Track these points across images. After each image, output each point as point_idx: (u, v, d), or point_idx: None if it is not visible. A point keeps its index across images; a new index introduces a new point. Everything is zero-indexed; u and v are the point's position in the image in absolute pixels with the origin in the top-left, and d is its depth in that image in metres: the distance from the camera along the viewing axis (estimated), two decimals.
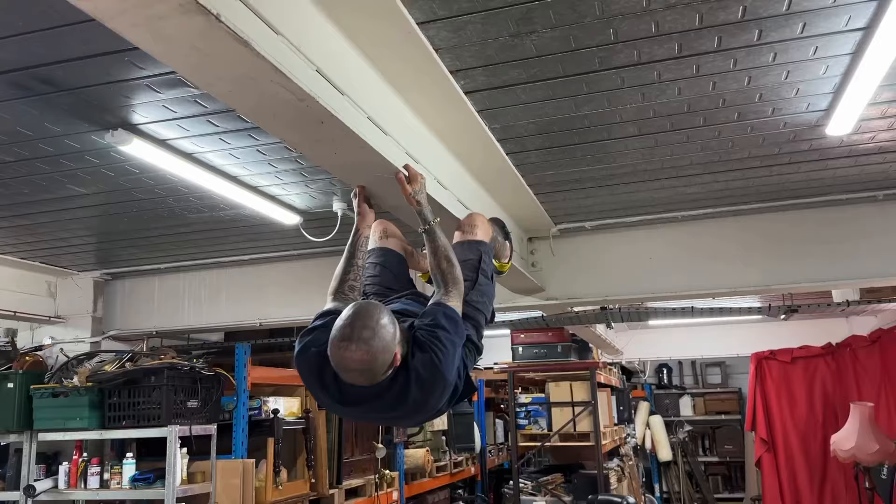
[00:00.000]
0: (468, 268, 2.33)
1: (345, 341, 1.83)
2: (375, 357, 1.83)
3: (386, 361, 1.85)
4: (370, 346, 1.82)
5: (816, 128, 3.05)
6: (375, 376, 1.87)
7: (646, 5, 2.09)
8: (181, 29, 1.48)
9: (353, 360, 1.82)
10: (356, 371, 1.84)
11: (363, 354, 1.81)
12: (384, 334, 1.85)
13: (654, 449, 10.06)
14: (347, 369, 1.84)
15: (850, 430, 6.95)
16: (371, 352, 1.82)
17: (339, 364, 1.84)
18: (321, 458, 4.80)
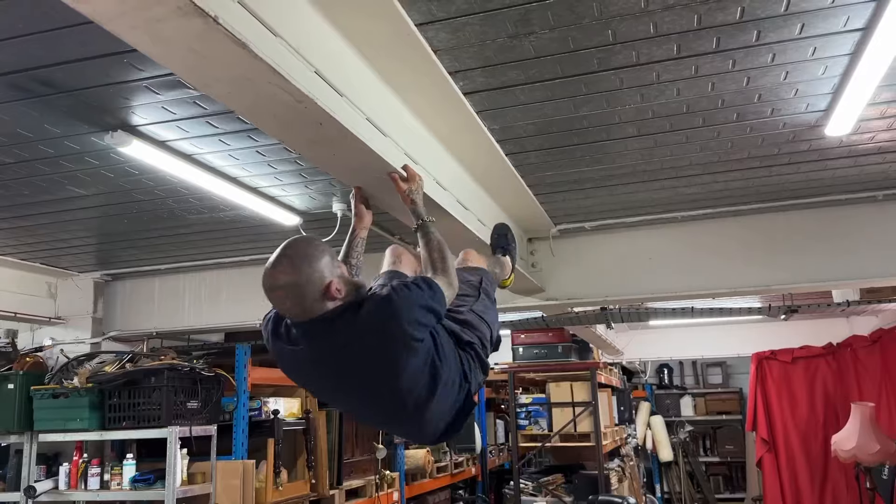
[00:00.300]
0: (470, 287, 2.32)
1: (270, 262, 1.80)
2: (297, 271, 1.76)
3: (314, 283, 1.77)
4: (291, 261, 1.77)
5: (816, 128, 3.05)
6: (303, 300, 1.77)
7: (644, 6, 2.10)
8: (179, 31, 1.48)
9: (275, 277, 1.76)
10: (280, 290, 1.76)
11: (284, 268, 1.76)
12: (312, 253, 1.79)
13: (655, 449, 10.06)
14: (271, 287, 1.77)
15: (851, 431, 6.94)
16: (292, 266, 1.76)
17: (265, 284, 1.78)
18: (321, 458, 4.80)
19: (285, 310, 1.83)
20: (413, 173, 2.26)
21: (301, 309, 1.79)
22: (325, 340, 1.82)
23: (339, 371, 1.87)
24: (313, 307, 1.79)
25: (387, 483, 5.47)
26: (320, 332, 1.82)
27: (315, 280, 1.77)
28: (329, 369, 1.87)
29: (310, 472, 4.72)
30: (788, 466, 9.08)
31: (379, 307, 1.79)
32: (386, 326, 1.78)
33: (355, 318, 1.79)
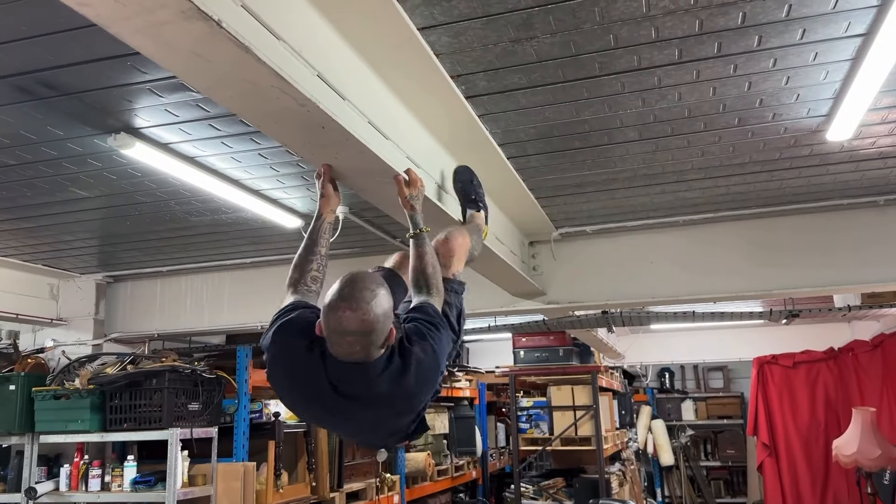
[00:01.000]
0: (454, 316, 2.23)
1: (345, 301, 1.71)
2: (376, 319, 1.72)
3: (384, 330, 1.75)
4: (371, 306, 1.71)
5: (817, 133, 3.05)
6: (373, 346, 1.74)
7: (646, 11, 2.10)
8: (183, 35, 1.49)
9: (354, 321, 1.69)
10: (355, 335, 1.71)
11: (364, 314, 1.70)
12: (383, 300, 1.75)
13: (656, 453, 10.04)
14: (346, 332, 1.71)
15: (852, 435, 6.93)
16: (372, 312, 1.71)
17: (337, 327, 1.71)
18: (322, 461, 4.80)
19: (346, 352, 1.75)
20: (415, 178, 2.22)
21: (365, 355, 1.76)
22: (365, 383, 1.80)
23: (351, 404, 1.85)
24: (372, 354, 1.77)
25: (387, 486, 5.47)
26: (364, 375, 1.79)
27: (386, 329, 1.76)
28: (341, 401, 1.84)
29: (310, 474, 4.72)
30: (789, 471, 9.06)
31: (427, 356, 1.86)
32: (432, 375, 1.88)
33: (403, 363, 1.82)
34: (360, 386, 1.81)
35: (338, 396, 1.83)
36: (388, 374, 1.80)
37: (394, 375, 1.81)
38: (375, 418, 1.92)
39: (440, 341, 1.89)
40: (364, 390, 1.82)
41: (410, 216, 2.18)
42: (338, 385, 1.81)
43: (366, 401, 1.85)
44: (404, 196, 2.18)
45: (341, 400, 1.84)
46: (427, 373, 1.86)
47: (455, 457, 6.81)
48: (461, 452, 6.99)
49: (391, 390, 1.82)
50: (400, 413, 1.92)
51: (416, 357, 1.83)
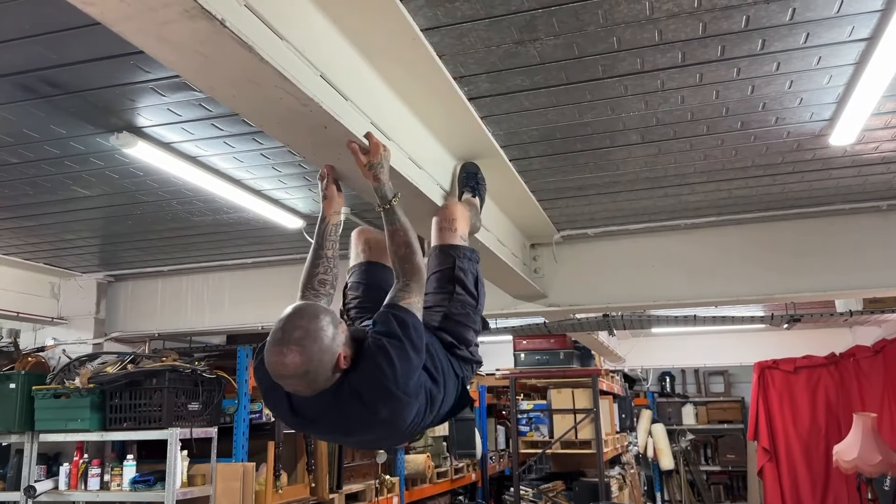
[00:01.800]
0: (444, 279, 2.16)
1: (276, 345, 1.68)
2: (310, 359, 1.67)
3: (325, 364, 1.69)
4: (303, 346, 1.66)
5: (820, 137, 3.05)
6: (315, 382, 1.71)
7: (649, 14, 2.10)
8: (186, 34, 1.49)
9: (286, 365, 1.67)
10: (292, 378, 1.69)
11: (294, 356, 1.66)
12: (320, 335, 1.68)
13: (656, 457, 10.03)
14: (282, 376, 1.70)
15: (853, 441, 6.92)
16: (305, 353, 1.66)
17: (273, 371, 1.70)
18: (321, 462, 4.80)
19: (294, 390, 1.75)
20: (376, 143, 1.98)
21: (312, 389, 1.73)
22: (325, 409, 1.78)
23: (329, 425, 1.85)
24: (323, 385, 1.73)
25: (386, 488, 5.47)
26: (322, 403, 1.77)
27: (326, 361, 1.70)
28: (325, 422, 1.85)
29: (310, 475, 4.72)
30: (790, 476, 9.04)
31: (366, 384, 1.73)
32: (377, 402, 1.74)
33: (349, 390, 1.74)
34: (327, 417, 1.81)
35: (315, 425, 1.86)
36: (341, 409, 1.76)
37: (344, 409, 1.76)
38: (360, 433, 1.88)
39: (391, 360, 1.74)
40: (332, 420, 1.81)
41: (375, 188, 1.99)
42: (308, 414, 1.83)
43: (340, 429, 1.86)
44: (362, 164, 1.97)
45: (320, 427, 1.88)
46: (373, 400, 1.74)
47: (454, 459, 6.80)
48: (461, 455, 6.99)
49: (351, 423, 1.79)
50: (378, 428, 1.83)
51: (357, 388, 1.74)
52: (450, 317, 2.08)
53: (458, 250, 2.21)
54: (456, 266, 2.16)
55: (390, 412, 1.75)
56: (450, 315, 2.08)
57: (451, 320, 2.08)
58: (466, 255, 2.22)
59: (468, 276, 2.17)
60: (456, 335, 2.08)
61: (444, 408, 1.95)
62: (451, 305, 2.10)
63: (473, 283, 2.17)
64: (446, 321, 2.07)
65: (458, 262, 2.17)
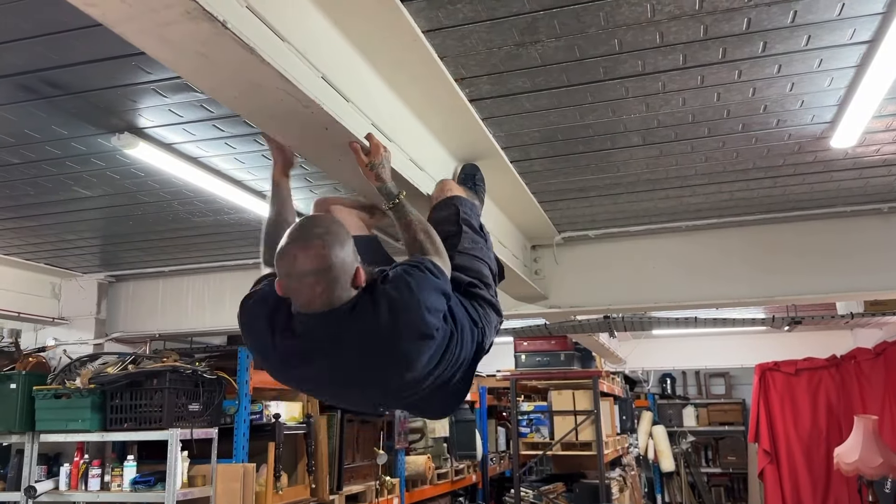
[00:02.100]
0: (448, 222, 2.13)
1: (297, 241, 1.59)
2: (333, 253, 1.57)
3: (346, 266, 1.59)
4: (325, 241, 1.58)
5: (821, 140, 3.05)
6: (336, 284, 1.58)
7: (650, 16, 2.10)
8: (188, 35, 1.49)
9: (307, 259, 1.55)
10: (312, 274, 1.56)
11: (317, 249, 1.56)
12: (340, 236, 1.61)
13: (657, 459, 10.03)
14: (302, 273, 1.56)
15: (854, 443, 6.91)
16: (326, 247, 1.57)
17: (291, 270, 1.57)
18: (322, 463, 4.80)
19: (308, 298, 1.60)
20: (377, 143, 1.96)
21: (329, 298, 1.60)
22: (336, 331, 1.63)
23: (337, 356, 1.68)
24: (341, 296, 1.61)
25: (387, 489, 5.46)
26: (334, 322, 1.63)
27: (348, 266, 1.60)
28: (325, 355, 1.68)
29: (310, 476, 4.72)
30: (790, 478, 9.03)
31: (397, 290, 1.64)
32: (407, 310, 1.63)
33: (374, 307, 1.63)
34: (333, 337, 1.64)
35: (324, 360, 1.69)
36: (358, 314, 1.63)
37: (364, 315, 1.63)
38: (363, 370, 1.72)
39: (423, 281, 1.67)
40: (337, 340, 1.64)
41: (379, 188, 1.97)
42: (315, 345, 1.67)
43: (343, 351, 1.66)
44: (363, 164, 1.94)
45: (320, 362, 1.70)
46: (405, 311, 1.63)
47: (455, 460, 6.80)
48: (461, 456, 6.99)
49: (367, 330, 1.63)
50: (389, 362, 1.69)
51: (386, 294, 1.63)
52: (463, 252, 2.03)
53: (460, 199, 2.22)
54: (460, 211, 2.17)
55: (415, 329, 1.64)
56: (463, 250, 2.04)
57: (465, 255, 2.03)
58: (468, 203, 2.22)
59: (472, 218, 2.17)
60: (472, 270, 2.02)
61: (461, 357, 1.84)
62: (463, 241, 2.08)
63: (479, 225, 2.18)
64: (460, 256, 2.02)
65: (461, 208, 2.18)
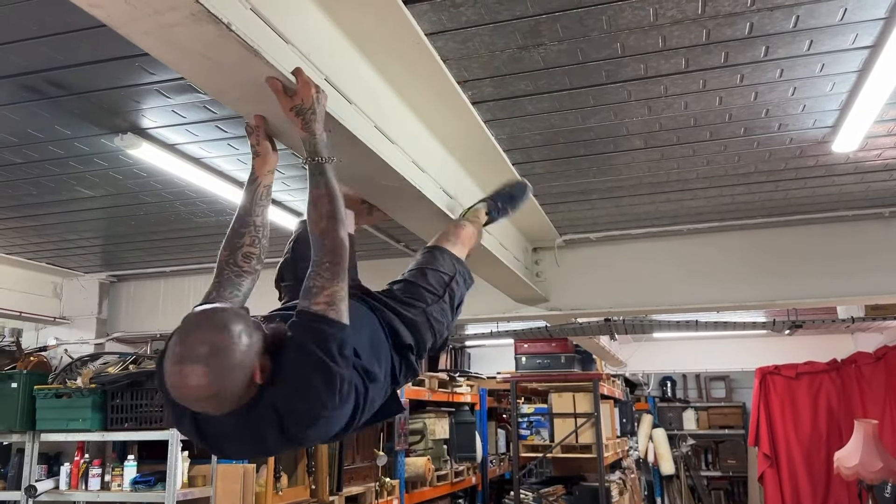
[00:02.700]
0: (436, 280, 1.99)
1: (176, 363, 1.37)
2: (219, 378, 1.36)
3: (237, 382, 1.39)
4: (209, 365, 1.36)
5: (823, 144, 3.05)
6: (225, 403, 1.41)
7: (653, 20, 2.11)
8: (192, 37, 1.49)
9: (189, 388, 1.37)
10: (197, 402, 1.40)
11: (200, 378, 1.35)
12: (230, 350, 1.38)
13: (657, 462, 10.01)
14: (185, 399, 1.40)
15: (854, 447, 6.91)
16: (212, 373, 1.36)
17: (175, 394, 1.40)
18: (322, 464, 4.80)
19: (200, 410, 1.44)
20: (306, 80, 1.61)
21: (222, 410, 1.43)
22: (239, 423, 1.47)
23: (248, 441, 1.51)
24: (236, 403, 1.43)
25: (387, 490, 5.46)
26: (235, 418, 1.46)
27: (239, 379, 1.39)
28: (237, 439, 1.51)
29: (310, 477, 4.72)
30: (790, 482, 9.03)
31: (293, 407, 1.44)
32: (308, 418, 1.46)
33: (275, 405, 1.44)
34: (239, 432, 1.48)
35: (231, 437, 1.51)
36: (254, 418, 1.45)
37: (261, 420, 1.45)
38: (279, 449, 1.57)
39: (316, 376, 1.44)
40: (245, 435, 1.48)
41: (304, 140, 1.66)
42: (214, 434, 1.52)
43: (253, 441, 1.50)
44: (287, 108, 1.62)
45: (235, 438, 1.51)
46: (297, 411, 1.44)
47: (455, 462, 6.79)
48: (461, 458, 6.98)
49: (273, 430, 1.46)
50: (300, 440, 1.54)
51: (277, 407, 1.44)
52: (428, 316, 1.87)
53: (462, 266, 2.11)
54: (454, 278, 2.03)
55: (312, 429, 1.48)
56: (429, 315, 1.87)
57: (427, 321, 1.87)
58: (465, 275, 2.11)
59: (457, 294, 2.03)
60: (419, 339, 1.86)
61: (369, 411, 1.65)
62: (434, 307, 1.92)
63: (457, 304, 2.03)
64: (421, 317, 1.85)
65: (458, 275, 2.06)
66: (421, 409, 6.51)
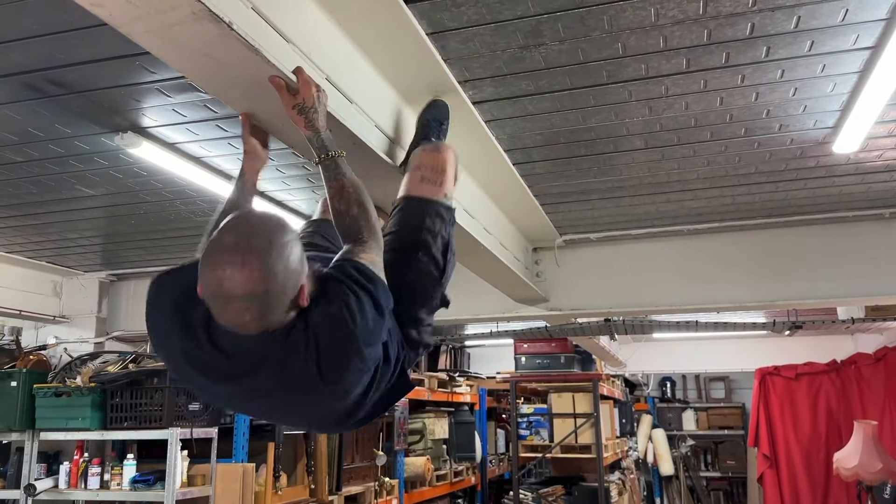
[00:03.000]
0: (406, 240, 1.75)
1: (229, 252, 1.25)
2: (273, 276, 1.25)
3: (287, 291, 1.29)
4: (264, 260, 1.25)
5: (823, 145, 3.05)
6: (268, 313, 1.28)
7: (654, 20, 2.10)
8: (193, 36, 1.50)
9: (240, 280, 1.23)
10: (243, 301, 1.25)
11: (254, 269, 1.23)
12: (286, 250, 1.28)
13: (656, 463, 10.01)
14: (230, 297, 1.25)
15: (854, 448, 6.91)
16: (267, 267, 1.25)
17: (217, 290, 1.25)
18: (321, 463, 4.80)
19: (233, 322, 1.30)
20: (307, 80, 1.60)
21: (259, 325, 1.30)
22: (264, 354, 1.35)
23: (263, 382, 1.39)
24: (275, 321, 1.31)
25: (386, 490, 5.46)
26: (264, 346, 1.34)
27: (289, 287, 1.29)
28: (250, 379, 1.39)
29: (309, 476, 4.72)
30: (790, 483, 9.03)
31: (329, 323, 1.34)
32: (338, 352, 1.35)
33: (306, 339, 1.34)
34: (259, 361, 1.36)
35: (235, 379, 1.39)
36: (291, 345, 1.34)
37: (296, 346, 1.34)
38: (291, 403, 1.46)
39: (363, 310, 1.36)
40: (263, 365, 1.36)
41: (309, 139, 1.63)
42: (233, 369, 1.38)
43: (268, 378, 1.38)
44: (289, 106, 1.59)
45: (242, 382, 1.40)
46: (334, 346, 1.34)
47: (454, 462, 6.79)
48: (460, 458, 6.98)
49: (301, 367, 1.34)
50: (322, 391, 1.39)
51: (320, 329, 1.34)
52: (403, 286, 1.65)
53: (432, 206, 1.82)
54: (424, 227, 1.77)
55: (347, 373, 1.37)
56: (403, 285, 1.65)
57: (405, 291, 1.65)
58: (440, 213, 1.82)
59: (437, 240, 1.77)
60: (406, 310, 1.66)
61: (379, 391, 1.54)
62: (409, 273, 1.71)
63: (442, 250, 1.76)
64: (400, 289, 1.64)
65: (427, 220, 1.78)
66: (420, 409, 6.51)
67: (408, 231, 1.77)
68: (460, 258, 3.44)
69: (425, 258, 1.74)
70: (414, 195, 1.85)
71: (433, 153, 1.95)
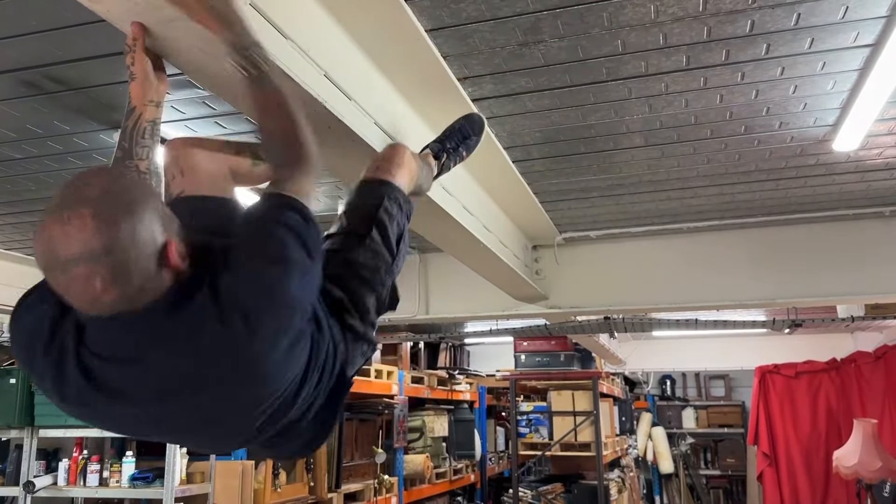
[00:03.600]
0: (360, 217, 1.59)
1: (54, 211, 1.00)
2: (115, 229, 1.00)
3: (141, 247, 1.02)
4: (96, 209, 0.99)
5: (823, 143, 3.04)
6: (125, 276, 1.02)
7: (654, 17, 2.10)
8: (190, 32, 1.49)
9: (70, 239, 0.98)
10: (82, 263, 0.98)
11: (84, 223, 0.98)
12: (126, 196, 1.03)
13: (656, 461, 10.02)
14: (65, 261, 0.99)
15: (853, 447, 6.91)
16: (104, 218, 0.99)
17: (49, 258, 1.00)
18: (320, 461, 4.80)
19: (85, 298, 1.03)
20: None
21: (119, 295, 1.03)
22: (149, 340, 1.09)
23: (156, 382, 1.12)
24: (143, 289, 1.05)
25: (385, 488, 5.47)
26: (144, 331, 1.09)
27: (142, 240, 1.03)
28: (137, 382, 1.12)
29: (308, 474, 4.72)
30: (789, 481, 9.04)
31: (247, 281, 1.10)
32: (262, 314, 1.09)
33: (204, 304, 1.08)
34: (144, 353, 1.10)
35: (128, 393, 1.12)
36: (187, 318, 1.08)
37: (197, 318, 1.08)
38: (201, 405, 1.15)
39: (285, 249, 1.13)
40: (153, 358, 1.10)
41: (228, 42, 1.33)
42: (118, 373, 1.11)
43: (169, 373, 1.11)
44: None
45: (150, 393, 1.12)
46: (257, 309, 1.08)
47: (454, 460, 6.80)
48: (460, 456, 6.99)
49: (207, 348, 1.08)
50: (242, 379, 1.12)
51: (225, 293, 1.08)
52: (352, 265, 1.46)
53: (391, 189, 1.68)
54: (382, 206, 1.62)
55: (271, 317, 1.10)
56: (352, 262, 1.47)
57: (353, 271, 1.46)
58: (399, 199, 1.68)
59: (392, 224, 1.61)
60: (351, 293, 1.44)
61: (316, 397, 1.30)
62: (360, 252, 1.51)
63: (396, 237, 1.61)
64: (346, 269, 1.45)
65: (386, 201, 1.63)
66: (420, 407, 6.52)
67: (364, 209, 1.62)
68: (461, 256, 3.45)
69: (379, 238, 1.56)
70: (373, 177, 1.74)
71: (386, 148, 1.92)
